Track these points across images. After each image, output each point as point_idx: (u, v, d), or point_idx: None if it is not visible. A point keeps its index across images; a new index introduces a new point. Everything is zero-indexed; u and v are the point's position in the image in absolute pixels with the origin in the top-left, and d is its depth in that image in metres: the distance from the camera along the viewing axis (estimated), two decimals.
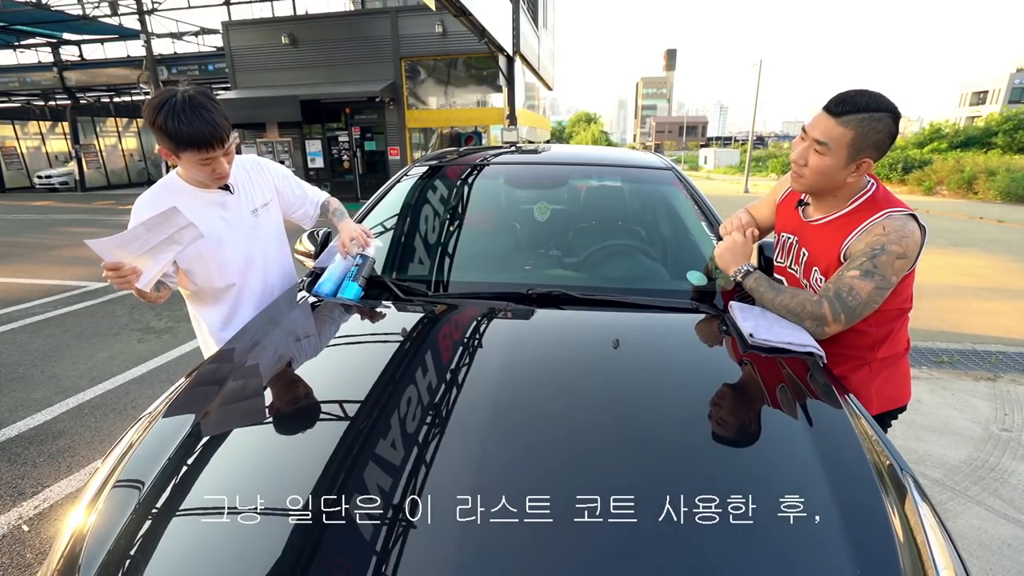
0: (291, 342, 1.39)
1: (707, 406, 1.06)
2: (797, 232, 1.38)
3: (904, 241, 1.16)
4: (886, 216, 1.19)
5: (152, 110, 1.28)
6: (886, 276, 1.16)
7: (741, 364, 1.21)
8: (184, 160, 1.36)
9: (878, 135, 1.15)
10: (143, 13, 14.20)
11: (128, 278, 1.28)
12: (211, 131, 1.30)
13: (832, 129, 1.17)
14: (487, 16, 9.56)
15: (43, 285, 5.83)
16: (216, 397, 1.10)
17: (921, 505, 0.85)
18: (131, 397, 3.17)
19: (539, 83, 20.49)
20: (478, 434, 0.96)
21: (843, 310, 1.20)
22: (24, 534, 2.06)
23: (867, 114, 1.13)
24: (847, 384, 1.30)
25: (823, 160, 1.20)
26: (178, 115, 1.27)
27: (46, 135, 21.91)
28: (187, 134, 1.28)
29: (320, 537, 0.75)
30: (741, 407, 1.08)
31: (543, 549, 0.74)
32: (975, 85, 49.18)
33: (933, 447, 2.62)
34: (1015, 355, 3.67)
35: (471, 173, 2.23)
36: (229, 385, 1.14)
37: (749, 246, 1.42)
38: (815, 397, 1.09)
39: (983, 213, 11.70)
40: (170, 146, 1.33)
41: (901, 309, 1.29)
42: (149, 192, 1.48)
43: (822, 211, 1.32)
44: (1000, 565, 1.89)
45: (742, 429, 1.01)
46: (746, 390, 1.15)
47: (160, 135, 1.31)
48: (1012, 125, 23.05)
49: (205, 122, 1.29)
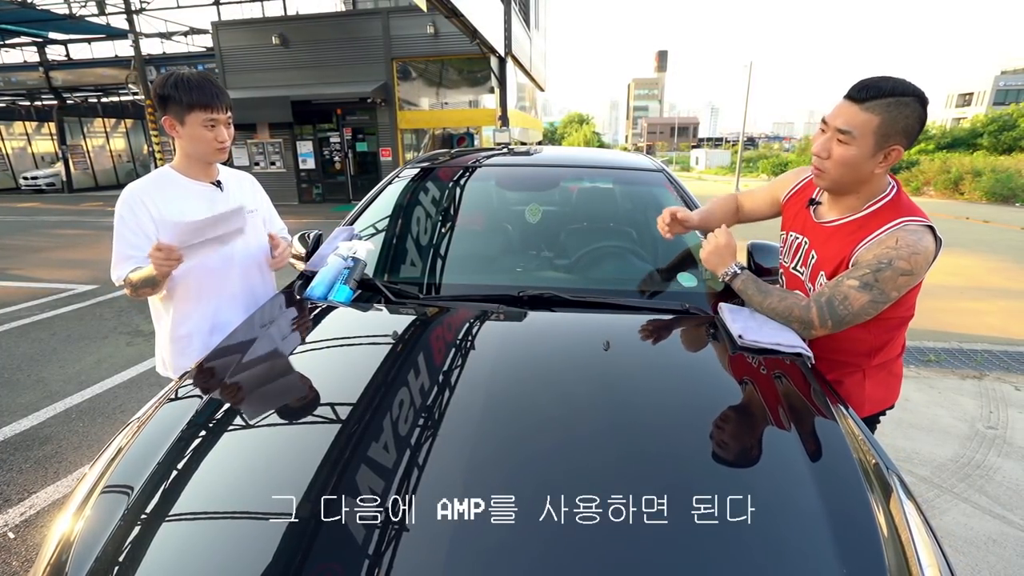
0: (282, 345, 1.38)
1: (695, 407, 1.07)
2: (807, 233, 1.32)
3: (914, 258, 1.10)
4: (902, 227, 1.13)
5: (161, 81, 1.41)
6: (885, 291, 1.12)
7: (730, 365, 1.22)
8: (190, 123, 1.43)
9: (906, 120, 1.08)
10: (131, 12, 14.03)
11: (172, 262, 1.32)
12: (217, 92, 1.44)
13: (856, 116, 1.10)
14: (479, 17, 9.56)
15: (29, 288, 5.75)
16: (206, 401, 1.09)
17: (906, 503, 0.86)
18: (119, 401, 3.13)
19: (531, 84, 20.52)
20: (470, 436, 0.96)
21: (831, 317, 1.18)
22: (10, 541, 2.03)
23: (893, 98, 1.07)
24: (840, 389, 1.30)
25: (848, 150, 1.13)
26: (187, 80, 1.41)
27: (32, 135, 21.63)
28: (196, 93, 1.40)
29: (311, 541, 0.75)
30: (729, 408, 1.09)
31: (535, 550, 0.74)
32: (961, 87, 49.87)
33: (920, 445, 2.65)
34: (1000, 353, 3.72)
35: (463, 175, 2.23)
36: (219, 389, 1.14)
37: (733, 245, 1.38)
38: (802, 397, 1.10)
39: (969, 213, 11.87)
40: (177, 110, 1.41)
41: (903, 318, 1.26)
42: (142, 180, 1.50)
43: (837, 212, 1.25)
44: (985, 561, 1.92)
45: (730, 429, 1.01)
46: (734, 391, 1.16)
47: (169, 102, 1.41)
48: (997, 127, 23.45)
49: (212, 85, 1.44)
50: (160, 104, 1.43)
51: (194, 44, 18.21)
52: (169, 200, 1.47)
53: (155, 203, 1.45)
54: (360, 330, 1.44)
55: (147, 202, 1.45)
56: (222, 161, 1.57)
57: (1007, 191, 14.12)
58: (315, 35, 13.59)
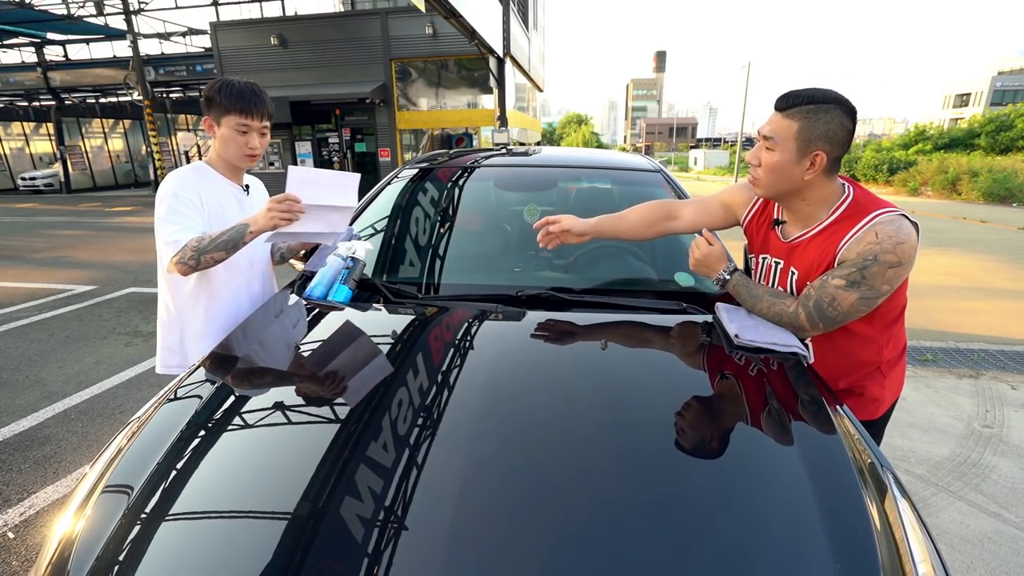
0: (281, 345, 1.39)
1: (691, 407, 1.08)
2: (779, 255, 1.31)
3: (900, 248, 1.10)
4: (877, 220, 1.13)
5: (210, 85, 1.48)
6: (875, 286, 1.13)
7: (726, 365, 1.23)
8: (224, 125, 1.48)
9: (826, 125, 1.11)
10: (129, 13, 14.03)
11: (291, 214, 1.37)
12: (258, 99, 1.50)
13: (779, 123, 1.15)
14: (477, 18, 9.57)
15: (28, 288, 5.74)
16: (205, 401, 1.10)
17: (900, 501, 0.87)
18: (119, 402, 3.13)
19: (529, 85, 20.53)
20: (468, 435, 0.97)
21: (821, 320, 1.19)
22: (10, 541, 2.03)
23: (813, 105, 1.11)
24: (864, 394, 1.30)
25: (772, 156, 1.17)
26: (232, 85, 1.47)
27: (30, 136, 21.58)
28: (236, 98, 1.46)
29: (310, 540, 0.76)
30: (725, 407, 1.10)
31: (533, 549, 0.75)
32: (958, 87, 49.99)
33: (917, 444, 2.66)
34: (996, 353, 3.74)
35: (461, 175, 2.24)
36: (218, 388, 1.14)
37: (719, 251, 1.36)
38: (798, 396, 1.11)
39: (966, 213, 11.90)
40: (217, 112, 1.48)
41: (900, 307, 1.27)
42: (185, 168, 1.54)
43: (801, 226, 1.25)
44: (981, 559, 1.93)
45: (724, 429, 1.02)
46: (730, 390, 1.17)
47: (212, 104, 1.48)
48: (994, 127, 23.50)
49: (255, 94, 1.50)
50: (205, 105, 1.50)
51: (193, 45, 18.19)
52: (209, 190, 1.53)
53: (198, 189, 1.50)
54: (359, 330, 1.45)
55: (195, 187, 1.50)
56: (249, 168, 1.61)
57: (1004, 191, 14.15)
58: (314, 36, 13.59)
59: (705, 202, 1.49)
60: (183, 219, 1.43)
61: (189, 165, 1.56)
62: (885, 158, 19.74)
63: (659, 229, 1.49)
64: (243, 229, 1.39)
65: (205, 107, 1.50)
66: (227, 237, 1.39)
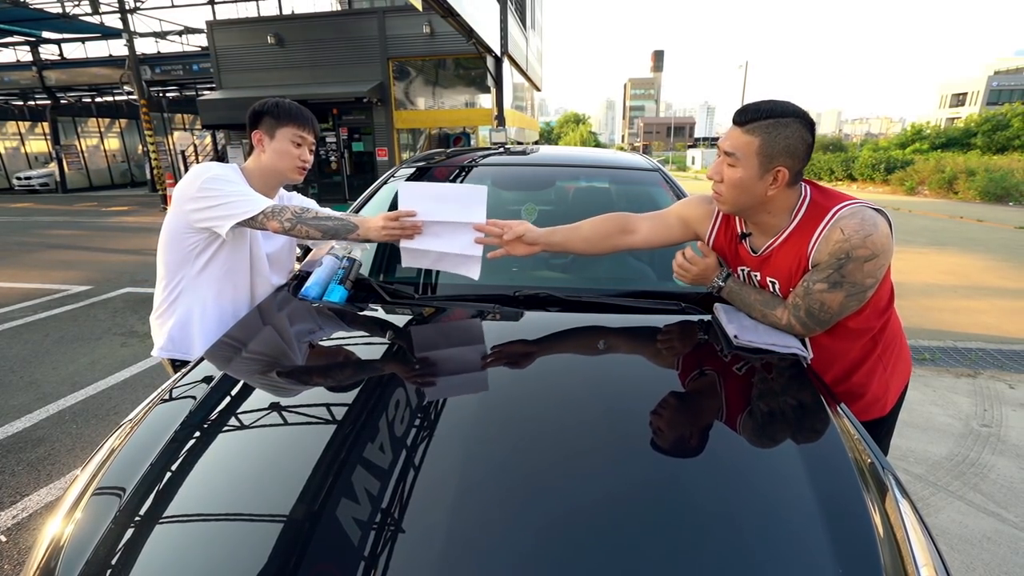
0: (276, 346, 1.38)
1: (690, 407, 1.07)
2: (754, 267, 1.30)
3: (869, 240, 1.08)
4: (839, 216, 1.12)
5: (261, 103, 1.51)
6: (856, 282, 1.12)
7: (725, 365, 1.22)
8: (279, 137, 1.50)
9: (787, 140, 1.09)
10: (125, 12, 13.95)
11: (407, 231, 1.36)
12: (310, 118, 1.55)
13: (739, 138, 1.13)
14: (474, 17, 9.55)
15: (22, 289, 5.71)
16: (199, 402, 1.09)
17: (902, 502, 0.86)
18: (113, 403, 3.11)
19: (527, 84, 20.51)
20: (465, 435, 0.96)
21: (816, 324, 1.20)
22: (2, 544, 2.01)
23: (772, 120, 1.09)
24: (869, 390, 1.30)
25: (735, 172, 1.15)
26: (287, 102, 1.52)
27: (25, 135, 21.50)
28: (293, 112, 1.51)
29: (305, 542, 0.75)
30: (725, 408, 1.09)
31: (531, 550, 0.74)
32: (955, 87, 50.18)
33: (915, 443, 2.66)
34: (994, 352, 3.74)
35: (459, 174, 2.23)
36: (212, 389, 1.13)
37: (711, 264, 1.35)
38: (798, 397, 1.10)
39: (963, 212, 11.93)
40: (271, 124, 1.49)
41: (889, 293, 1.27)
42: (216, 163, 1.51)
43: (768, 235, 1.24)
44: (980, 559, 1.93)
45: (725, 430, 1.01)
46: (730, 391, 1.16)
47: (264, 117, 1.49)
48: (990, 126, 23.63)
49: (307, 112, 1.55)
50: (252, 120, 1.51)
51: (189, 44, 18.12)
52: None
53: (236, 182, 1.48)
54: (356, 331, 1.44)
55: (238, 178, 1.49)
56: (296, 183, 1.61)
57: (1001, 190, 14.19)
58: (310, 35, 13.54)
59: (661, 216, 1.44)
60: (242, 190, 1.42)
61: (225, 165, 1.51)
62: (882, 157, 19.80)
63: (614, 243, 1.42)
64: (350, 226, 1.38)
65: (252, 122, 1.51)
66: (331, 224, 1.38)
